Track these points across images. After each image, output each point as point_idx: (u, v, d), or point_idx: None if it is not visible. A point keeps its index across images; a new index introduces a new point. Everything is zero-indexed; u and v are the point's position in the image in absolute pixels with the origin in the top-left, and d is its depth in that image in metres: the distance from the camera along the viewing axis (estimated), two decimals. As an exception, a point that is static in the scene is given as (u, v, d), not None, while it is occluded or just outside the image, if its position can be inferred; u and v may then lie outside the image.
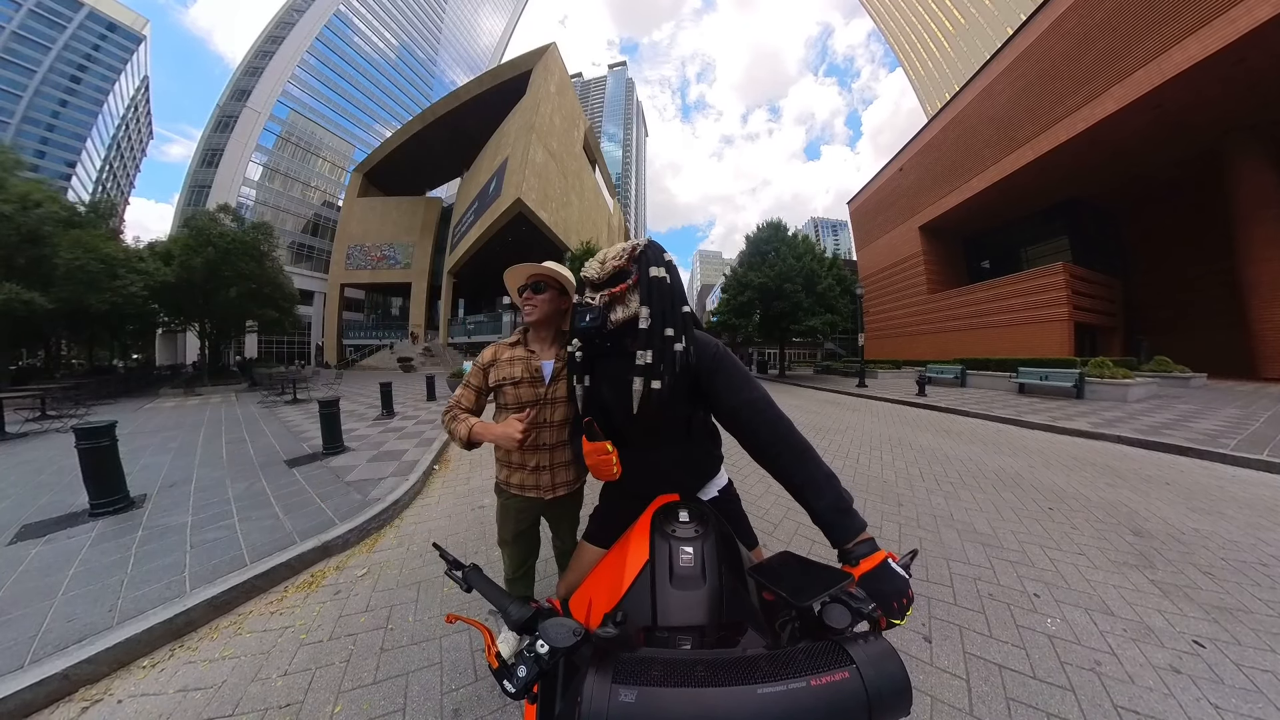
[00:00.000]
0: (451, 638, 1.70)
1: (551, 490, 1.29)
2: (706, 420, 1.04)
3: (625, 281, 0.90)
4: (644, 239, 0.93)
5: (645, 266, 0.89)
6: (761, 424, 0.85)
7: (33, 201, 10.85)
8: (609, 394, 0.96)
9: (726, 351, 0.92)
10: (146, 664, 1.61)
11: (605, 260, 0.93)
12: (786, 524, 2.79)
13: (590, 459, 0.95)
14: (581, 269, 0.98)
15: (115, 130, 57.43)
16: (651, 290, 0.87)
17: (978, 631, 1.71)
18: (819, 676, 0.44)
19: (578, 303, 0.95)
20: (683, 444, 0.99)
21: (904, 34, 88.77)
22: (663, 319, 0.87)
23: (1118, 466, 4.23)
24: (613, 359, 0.95)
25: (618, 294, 0.91)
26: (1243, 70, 11.89)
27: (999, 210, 22.05)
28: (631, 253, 0.92)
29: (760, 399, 0.86)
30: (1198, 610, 1.86)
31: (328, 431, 4.51)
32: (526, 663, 0.48)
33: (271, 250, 16.80)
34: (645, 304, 0.87)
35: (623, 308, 0.91)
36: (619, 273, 0.92)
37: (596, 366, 0.99)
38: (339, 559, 2.40)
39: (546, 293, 1.19)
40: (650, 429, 0.96)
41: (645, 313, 0.87)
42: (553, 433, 1.25)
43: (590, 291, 0.95)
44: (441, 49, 77.29)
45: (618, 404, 0.94)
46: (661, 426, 0.96)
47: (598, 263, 0.94)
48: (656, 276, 0.88)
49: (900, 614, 0.60)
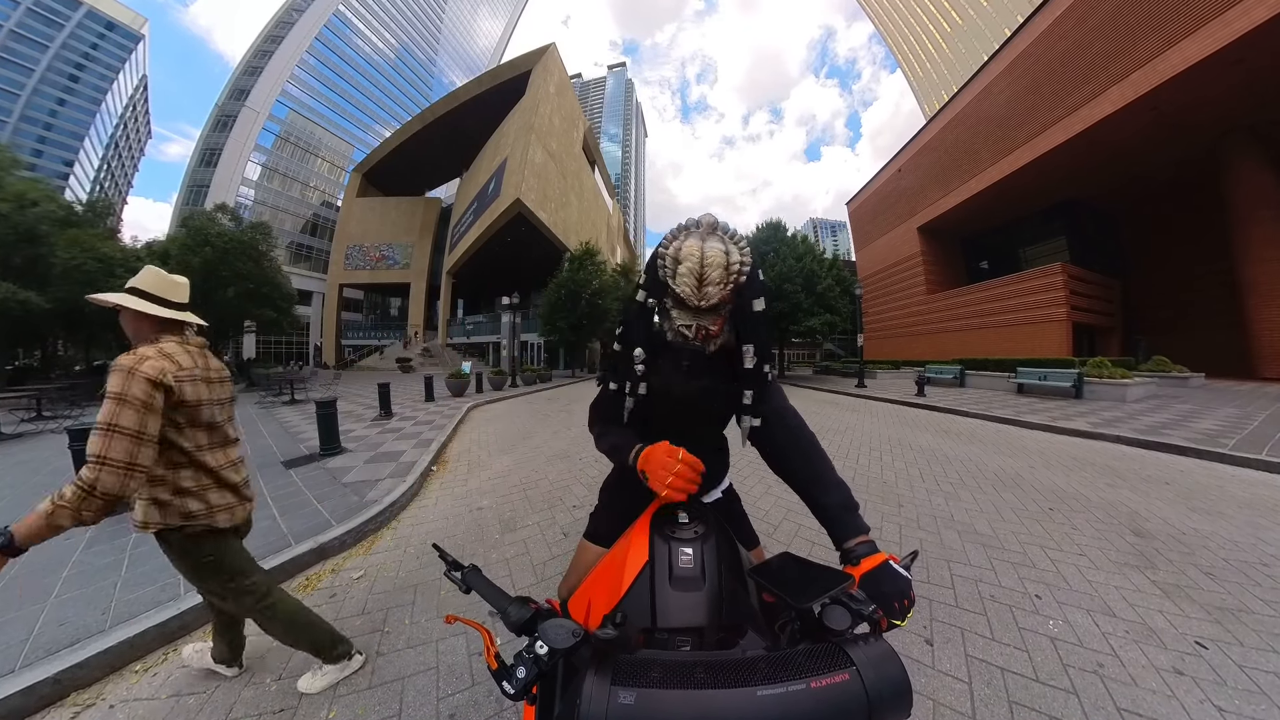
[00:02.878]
0: (448, 641, 1.68)
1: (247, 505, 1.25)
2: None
3: (723, 314, 0.78)
4: (746, 259, 0.72)
5: (749, 297, 0.77)
6: (783, 430, 0.87)
7: (29, 200, 10.82)
8: (659, 401, 0.88)
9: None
10: (139, 668, 1.59)
11: (704, 281, 0.71)
12: (787, 525, 2.78)
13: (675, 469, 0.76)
14: (665, 271, 0.75)
15: (113, 129, 57.32)
16: (758, 328, 0.80)
17: (980, 634, 1.70)
18: (819, 678, 0.44)
19: (676, 329, 0.79)
20: (712, 449, 0.98)
21: (902, 35, 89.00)
22: (764, 356, 0.81)
23: (1117, 466, 4.22)
24: (665, 363, 0.87)
25: (714, 334, 0.79)
26: (1240, 71, 11.93)
27: (997, 211, 22.09)
28: (736, 280, 0.72)
29: (786, 407, 0.89)
30: (1199, 611, 1.85)
31: (325, 432, 4.48)
32: (525, 664, 0.48)
33: (269, 250, 16.75)
34: (749, 341, 0.79)
35: (719, 339, 0.81)
36: (721, 303, 0.75)
37: (658, 367, 0.89)
38: (335, 561, 2.38)
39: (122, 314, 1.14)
40: (687, 434, 0.92)
41: (750, 351, 0.79)
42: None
43: (675, 307, 0.77)
44: (441, 50, 77.30)
45: (669, 411, 0.89)
46: (708, 432, 0.95)
47: (693, 280, 0.71)
48: (760, 311, 0.78)
49: (901, 615, 0.60)
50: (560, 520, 2.91)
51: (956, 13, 77.75)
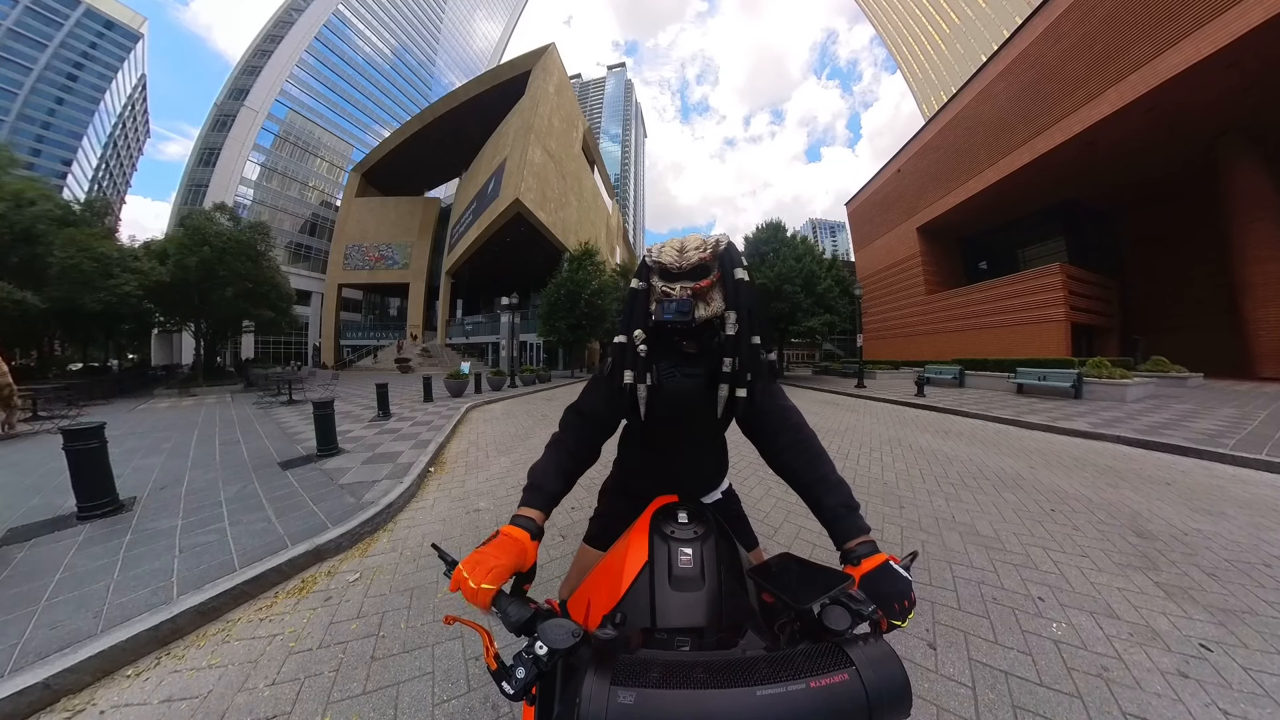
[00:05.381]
0: (444, 645, 1.66)
1: None
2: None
3: (709, 277, 0.81)
4: (722, 237, 0.83)
5: (730, 266, 0.81)
6: (784, 429, 0.88)
7: (27, 199, 10.79)
8: (670, 395, 0.88)
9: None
10: (131, 672, 1.56)
11: (684, 249, 0.81)
12: (787, 527, 2.76)
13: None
14: (651, 258, 0.84)
15: (112, 128, 57.17)
16: (739, 293, 0.81)
17: (983, 637, 1.68)
18: (818, 678, 0.45)
19: (660, 292, 0.82)
20: (710, 448, 1.00)
21: (901, 35, 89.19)
22: (750, 325, 0.82)
23: (1118, 467, 4.22)
24: (664, 357, 0.88)
25: (701, 290, 0.81)
26: (1237, 73, 11.97)
27: (996, 211, 22.14)
28: (715, 247, 0.81)
29: (790, 406, 0.90)
30: (1203, 613, 1.83)
31: (322, 433, 4.45)
32: (525, 664, 0.48)
33: (268, 250, 16.71)
34: (733, 307, 0.81)
35: (704, 305, 0.81)
36: (702, 266, 0.81)
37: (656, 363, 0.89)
38: (331, 564, 2.36)
39: None
40: (684, 432, 0.94)
41: (733, 318, 0.80)
42: None
43: (661, 280, 0.82)
44: (440, 50, 77.23)
45: (666, 404, 0.89)
46: (713, 431, 0.95)
47: (674, 250, 0.82)
48: (743, 279, 0.81)
49: (902, 616, 0.59)
50: (559, 522, 2.89)
51: (955, 13, 77.99)
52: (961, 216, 22.97)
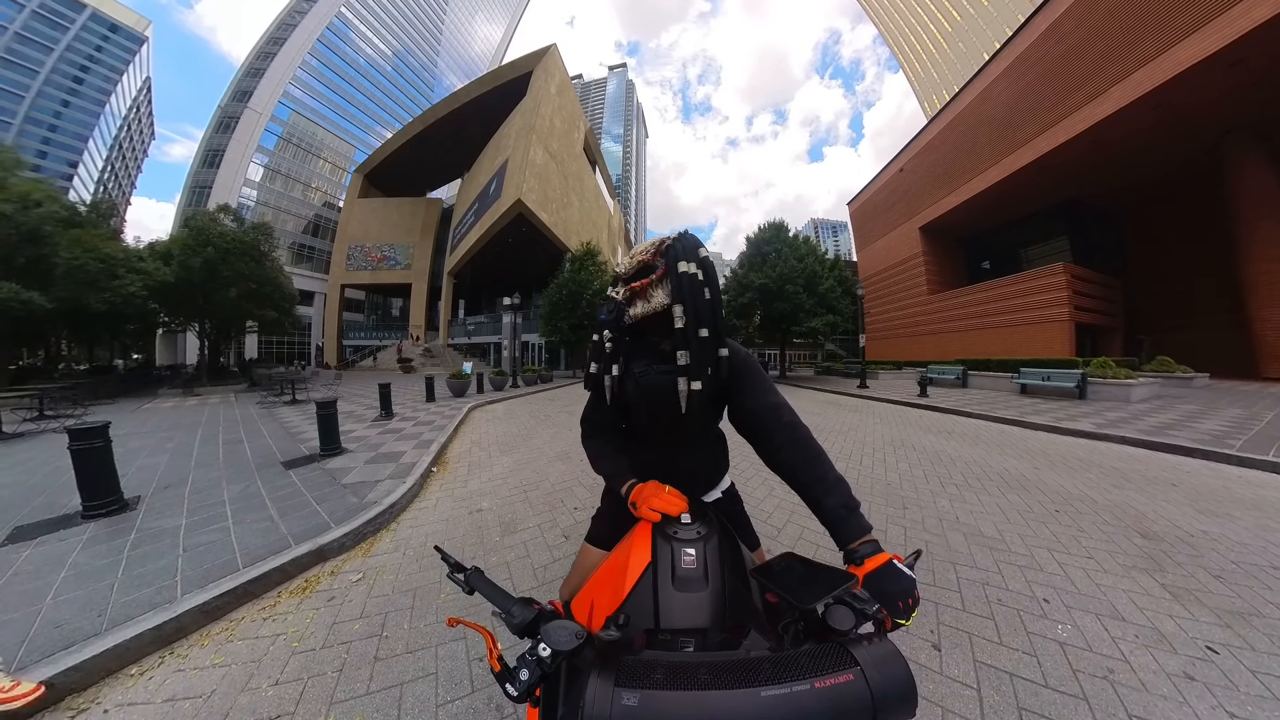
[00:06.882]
0: (448, 646, 1.66)
1: None
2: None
3: (649, 276, 0.88)
4: (678, 232, 0.90)
5: (674, 261, 0.84)
6: (778, 428, 0.87)
7: (33, 201, 10.84)
8: (633, 390, 0.95)
9: (750, 355, 0.95)
10: (135, 672, 1.57)
11: (633, 254, 0.92)
12: (790, 528, 2.75)
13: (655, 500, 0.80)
14: (617, 268, 0.98)
15: (117, 130, 57.50)
16: (681, 287, 0.83)
17: (987, 639, 1.67)
18: (823, 678, 0.44)
19: (603, 297, 0.94)
20: (704, 445, 1.01)
21: (903, 34, 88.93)
22: (696, 318, 0.83)
23: (1123, 468, 4.19)
24: (643, 355, 0.95)
25: (638, 289, 0.89)
26: (1243, 70, 11.88)
27: (999, 211, 22.04)
28: (659, 247, 0.88)
29: (781, 404, 0.90)
30: (1209, 615, 1.82)
31: (325, 433, 4.47)
32: (529, 666, 0.48)
33: (271, 250, 16.78)
34: (678, 302, 0.83)
35: (643, 302, 0.89)
36: (644, 267, 0.90)
37: (629, 361, 0.97)
38: (334, 564, 2.36)
39: None
40: (674, 429, 0.95)
41: (679, 311, 0.83)
42: None
43: (621, 285, 0.93)
44: (442, 52, 77.41)
45: (645, 401, 0.94)
46: (693, 428, 0.96)
47: (628, 257, 0.93)
48: (685, 272, 0.83)
49: (906, 614, 0.59)
50: (561, 522, 2.89)
51: (956, 11, 77.72)
52: (964, 216, 22.87)
